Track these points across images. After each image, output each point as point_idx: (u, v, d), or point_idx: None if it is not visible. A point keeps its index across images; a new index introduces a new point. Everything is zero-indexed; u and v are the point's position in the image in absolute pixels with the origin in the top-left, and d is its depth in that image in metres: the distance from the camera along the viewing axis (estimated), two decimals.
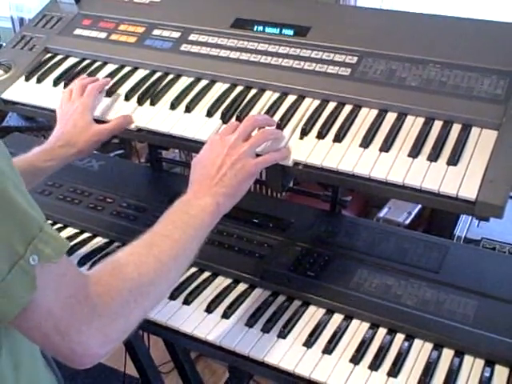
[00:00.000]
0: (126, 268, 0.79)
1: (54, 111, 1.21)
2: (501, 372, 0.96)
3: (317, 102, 1.13)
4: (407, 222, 2.27)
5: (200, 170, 0.99)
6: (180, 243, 0.87)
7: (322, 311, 1.08)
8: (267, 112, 1.12)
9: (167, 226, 0.89)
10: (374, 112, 1.08)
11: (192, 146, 1.13)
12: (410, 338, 1.02)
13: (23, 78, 1.34)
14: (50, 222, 1.34)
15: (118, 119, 1.18)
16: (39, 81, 1.33)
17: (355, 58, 1.15)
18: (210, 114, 1.15)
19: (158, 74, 1.27)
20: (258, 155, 1.02)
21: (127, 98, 1.23)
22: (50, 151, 1.13)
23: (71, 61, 1.37)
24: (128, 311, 0.76)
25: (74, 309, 0.69)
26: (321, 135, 1.06)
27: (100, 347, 0.73)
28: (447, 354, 0.99)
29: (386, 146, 1.02)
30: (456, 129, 1.02)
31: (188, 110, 1.17)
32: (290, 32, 1.23)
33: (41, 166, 1.12)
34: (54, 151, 1.13)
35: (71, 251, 1.21)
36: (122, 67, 1.31)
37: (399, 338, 1.02)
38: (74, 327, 0.70)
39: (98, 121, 1.21)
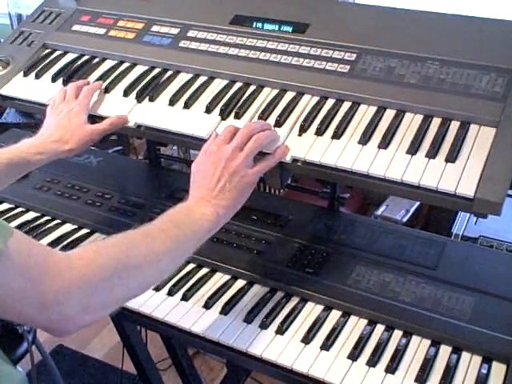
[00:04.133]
0: (113, 248, 0.82)
1: None
2: (498, 369, 0.96)
3: (315, 99, 1.13)
4: (405, 219, 2.27)
5: (200, 181, 1.00)
6: (175, 240, 0.89)
7: (320, 307, 1.08)
8: (266, 109, 1.12)
9: (166, 223, 0.91)
10: (373, 109, 1.08)
11: (190, 143, 1.14)
12: (407, 334, 1.02)
13: (21, 73, 1.34)
14: (48, 217, 1.34)
15: (112, 119, 1.18)
16: (37, 76, 1.32)
17: (354, 55, 1.15)
18: (208, 110, 1.15)
19: (156, 70, 1.27)
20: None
21: (126, 94, 1.23)
22: (42, 145, 1.14)
23: (70, 57, 1.37)
24: (110, 286, 0.78)
25: (47, 284, 0.71)
26: (319, 132, 1.06)
27: (79, 316, 0.75)
28: (445, 350, 0.99)
29: (384, 143, 1.02)
30: (454, 126, 1.02)
31: (187, 106, 1.17)
32: (289, 29, 1.23)
33: (30, 159, 1.12)
34: (45, 145, 1.14)
35: (69, 247, 1.21)
36: (120, 63, 1.31)
37: (397, 334, 1.02)
38: (50, 300, 0.71)
39: (94, 116, 1.21)
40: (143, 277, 0.84)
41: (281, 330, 1.03)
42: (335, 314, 1.06)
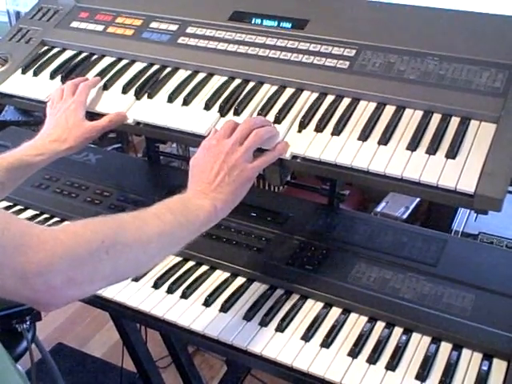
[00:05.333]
0: (101, 224, 0.81)
1: None
2: (499, 365, 0.96)
3: (315, 95, 1.12)
4: (404, 216, 2.26)
5: (198, 175, 0.99)
6: (168, 226, 0.88)
7: (320, 305, 1.08)
8: (265, 105, 1.12)
9: (161, 209, 0.90)
10: (373, 105, 1.08)
11: (190, 140, 1.13)
12: (408, 331, 1.02)
13: (20, 70, 1.34)
14: (46, 215, 1.33)
15: (110, 116, 1.18)
16: (36, 74, 1.32)
17: (353, 51, 1.15)
18: (207, 107, 1.14)
19: (155, 67, 1.27)
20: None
21: (124, 91, 1.22)
22: (41, 146, 1.14)
23: (68, 54, 1.36)
24: (97, 260, 0.77)
25: (28, 255, 0.70)
26: (319, 128, 1.06)
27: (65, 288, 0.74)
28: (445, 347, 0.99)
29: (384, 139, 1.01)
30: (454, 122, 1.02)
31: (186, 103, 1.17)
32: (288, 25, 1.23)
33: (31, 161, 1.12)
34: (44, 146, 1.14)
35: None
36: (119, 60, 1.31)
37: (397, 331, 1.02)
38: (33, 271, 0.70)
39: (93, 113, 1.21)
40: (132, 256, 0.83)
41: (281, 328, 1.02)
42: (335, 312, 1.06)
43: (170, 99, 1.18)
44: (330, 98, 1.11)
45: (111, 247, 0.79)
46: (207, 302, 1.08)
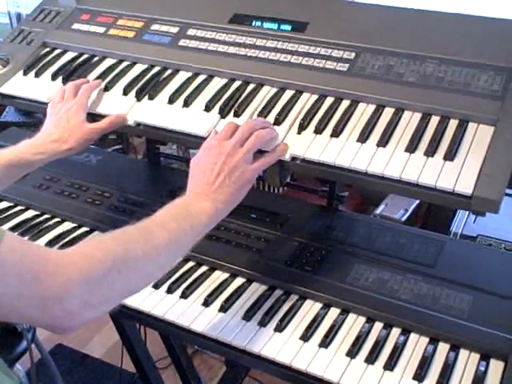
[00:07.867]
0: (111, 242, 0.82)
1: None
2: (496, 366, 0.96)
3: (314, 97, 1.13)
4: (403, 218, 2.27)
5: (199, 176, 1.00)
6: (173, 234, 0.89)
7: (318, 305, 1.08)
8: (265, 107, 1.12)
9: (164, 217, 0.91)
10: (372, 107, 1.09)
11: (190, 141, 1.14)
12: (405, 332, 1.03)
13: (21, 72, 1.34)
14: (47, 216, 1.34)
15: (111, 118, 1.18)
16: (37, 75, 1.33)
17: (353, 54, 1.16)
18: (207, 108, 1.15)
19: (156, 69, 1.27)
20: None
21: (125, 92, 1.23)
22: (41, 145, 1.14)
23: (69, 55, 1.37)
24: (110, 280, 0.78)
25: (46, 282, 0.71)
26: (318, 130, 1.06)
27: (82, 312, 0.74)
28: (443, 348, 1.00)
29: (383, 141, 1.02)
30: (453, 124, 1.03)
31: (186, 104, 1.17)
32: (288, 27, 1.23)
33: (30, 159, 1.12)
34: (45, 145, 1.14)
35: (68, 245, 1.21)
36: (120, 62, 1.32)
37: (395, 332, 1.03)
38: (51, 298, 0.71)
39: (94, 115, 1.21)
40: (143, 270, 0.84)
41: (280, 328, 1.03)
42: (334, 312, 1.07)
43: (171, 101, 1.19)
44: (329, 100, 1.12)
45: (123, 265, 0.80)
46: (207, 302, 1.09)
